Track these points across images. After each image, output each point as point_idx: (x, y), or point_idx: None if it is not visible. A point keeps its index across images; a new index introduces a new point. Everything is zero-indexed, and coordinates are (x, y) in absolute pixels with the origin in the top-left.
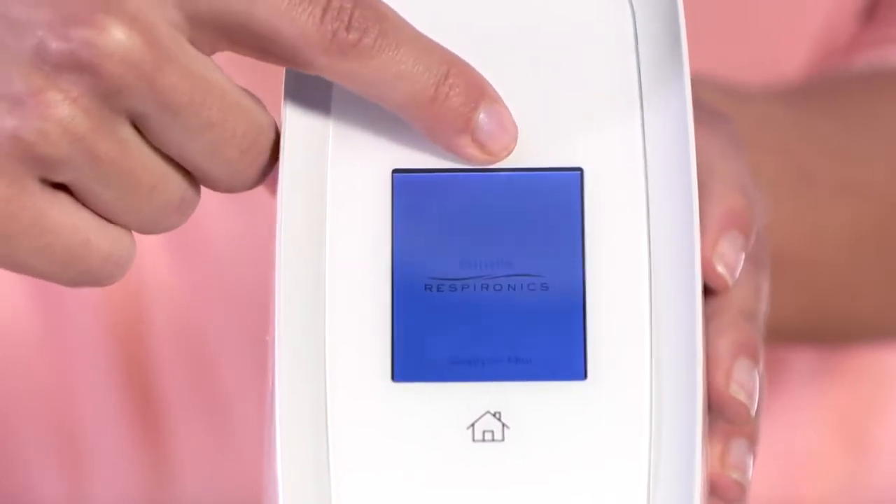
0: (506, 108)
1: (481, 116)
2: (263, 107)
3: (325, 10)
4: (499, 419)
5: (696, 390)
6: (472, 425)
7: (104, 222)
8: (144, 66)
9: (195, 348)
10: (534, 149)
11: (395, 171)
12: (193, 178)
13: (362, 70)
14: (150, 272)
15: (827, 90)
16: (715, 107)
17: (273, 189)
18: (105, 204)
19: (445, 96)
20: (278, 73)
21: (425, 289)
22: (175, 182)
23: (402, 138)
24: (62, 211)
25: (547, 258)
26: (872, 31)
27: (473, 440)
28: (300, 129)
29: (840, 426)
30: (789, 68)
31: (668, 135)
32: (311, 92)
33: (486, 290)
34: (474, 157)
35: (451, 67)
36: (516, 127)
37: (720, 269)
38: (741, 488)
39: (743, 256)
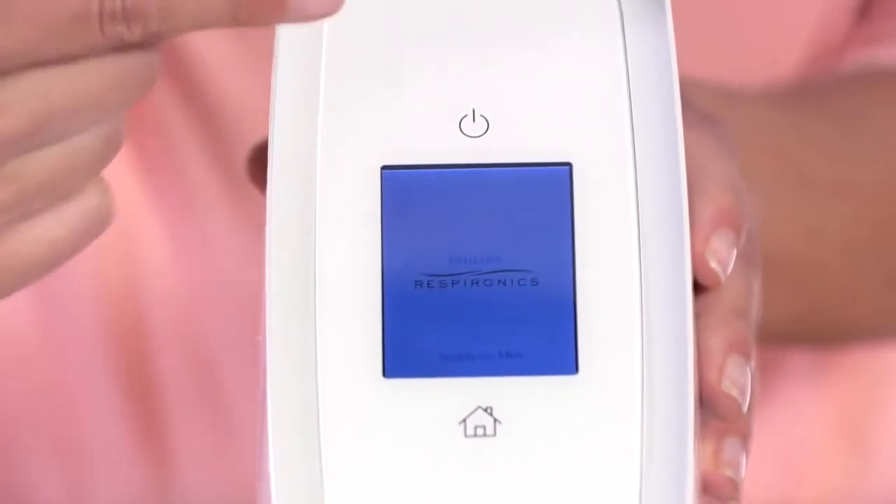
0: None
1: (293, 4)
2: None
3: (100, 19)
4: (490, 414)
5: (687, 383)
6: (464, 420)
7: (56, 212)
8: None
9: (195, 348)
10: (523, 144)
11: (384, 167)
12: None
13: (152, 35)
14: (150, 272)
15: (821, 91)
16: (708, 110)
17: (264, 187)
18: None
19: (249, 15)
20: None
21: (415, 285)
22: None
23: (390, 135)
24: (10, 243)
25: (537, 253)
26: (865, 29)
27: (465, 435)
28: (289, 125)
29: (838, 425)
30: (784, 67)
31: (657, 129)
32: (301, 88)
33: (477, 285)
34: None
35: None
36: None
37: (713, 264)
38: (734, 486)
39: (735, 253)
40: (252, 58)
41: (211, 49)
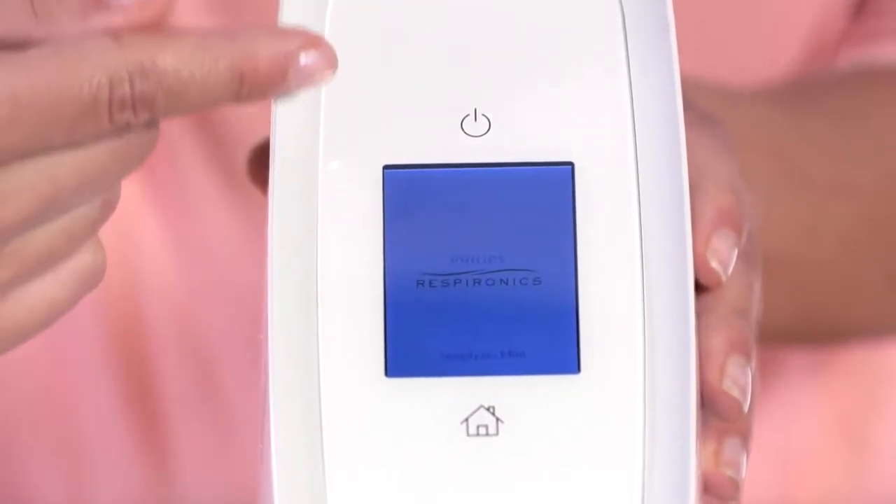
0: (305, 41)
1: (292, 78)
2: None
3: (109, 110)
4: (493, 413)
5: (689, 383)
6: (467, 420)
7: (52, 275)
8: None
9: (195, 348)
10: (524, 144)
11: (386, 167)
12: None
13: (168, 114)
14: (150, 272)
15: (819, 90)
16: (708, 110)
17: (265, 187)
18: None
19: (252, 90)
20: None
21: (417, 284)
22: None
23: (392, 134)
24: (7, 306)
25: (539, 253)
26: (862, 27)
27: (468, 434)
28: (290, 125)
29: (837, 424)
30: (781, 65)
31: (659, 128)
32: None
33: (479, 284)
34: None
35: (241, 65)
36: (319, 46)
37: (714, 264)
38: (735, 485)
39: (735, 253)
40: None
41: None
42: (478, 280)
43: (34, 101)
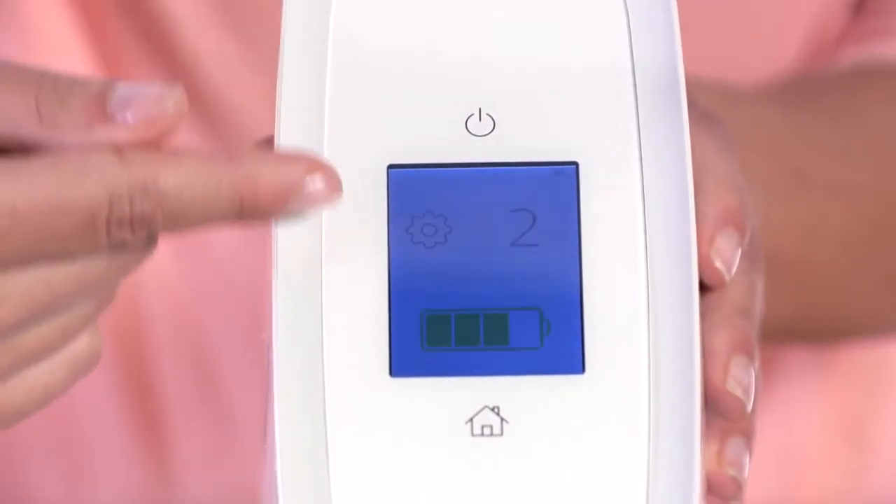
0: (308, 166)
1: (295, 205)
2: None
3: (107, 227)
4: (497, 413)
5: (693, 383)
6: (471, 420)
7: (48, 362)
8: None
9: (195, 348)
10: (529, 143)
11: (391, 166)
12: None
13: (166, 233)
14: (150, 272)
15: (819, 89)
16: (709, 109)
17: None
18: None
19: (253, 213)
20: (271, 60)
21: (422, 284)
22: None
23: (397, 133)
24: (3, 391)
25: (543, 252)
26: (861, 25)
27: (472, 435)
28: (295, 125)
29: (838, 422)
30: (780, 64)
31: (663, 128)
32: (306, 87)
33: (483, 285)
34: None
35: (243, 191)
36: (334, 174)
37: (717, 264)
38: (738, 485)
39: (739, 252)
40: (252, 56)
41: (211, 48)
42: (482, 280)
43: (33, 214)
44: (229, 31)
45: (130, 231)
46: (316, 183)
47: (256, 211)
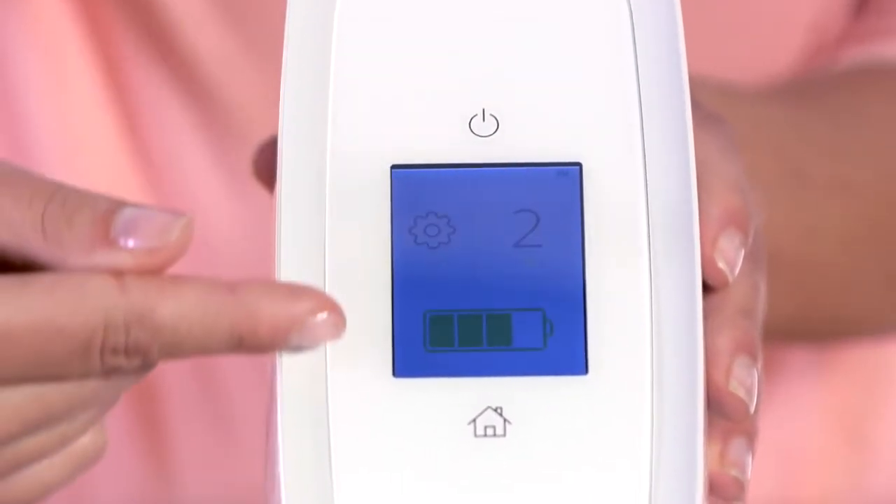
0: (314, 303)
1: (295, 339)
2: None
3: (101, 355)
4: (500, 414)
5: (696, 384)
6: (474, 420)
7: (46, 462)
8: None
9: None
10: (533, 144)
11: (394, 166)
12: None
13: (162, 360)
14: None
15: (819, 88)
16: (711, 109)
17: (271, 186)
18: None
19: (251, 345)
20: (272, 58)
21: (425, 284)
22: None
23: (400, 134)
24: (5, 488)
25: (546, 253)
26: (862, 25)
27: (475, 435)
28: (298, 125)
29: (838, 422)
30: (781, 63)
31: (667, 129)
32: (309, 88)
33: (487, 285)
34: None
35: (242, 325)
36: (331, 308)
37: (721, 265)
38: (740, 486)
39: (742, 253)
40: (253, 55)
41: (212, 47)
42: (485, 281)
43: (26, 336)
44: (230, 29)
45: (125, 358)
46: (319, 320)
47: (255, 345)
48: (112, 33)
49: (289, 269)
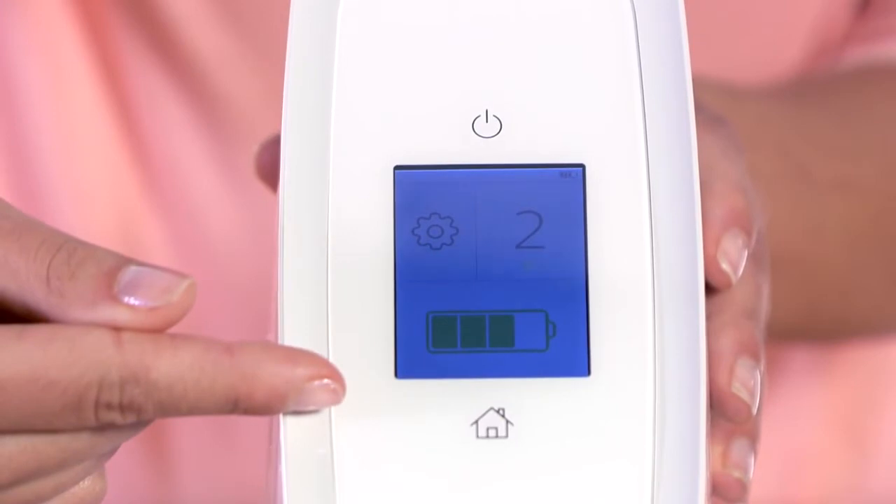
0: (313, 367)
1: (292, 403)
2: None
3: (95, 411)
4: (503, 416)
5: (699, 386)
6: (476, 422)
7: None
8: None
9: None
10: (536, 145)
11: (397, 167)
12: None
13: (159, 417)
14: None
15: (822, 87)
16: (714, 110)
17: (274, 186)
18: None
19: (248, 407)
20: (272, 59)
21: (428, 285)
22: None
23: (403, 135)
24: None
25: (549, 254)
26: (865, 24)
27: (477, 437)
28: (301, 125)
29: (839, 422)
30: (784, 63)
31: (670, 131)
32: (313, 87)
33: (489, 286)
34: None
35: (239, 387)
36: (330, 372)
37: (724, 266)
38: (743, 487)
39: (746, 254)
40: (253, 55)
41: (211, 47)
42: (488, 282)
43: (20, 388)
44: (230, 28)
45: (119, 415)
46: (318, 386)
47: (252, 408)
48: (111, 33)
49: (291, 269)
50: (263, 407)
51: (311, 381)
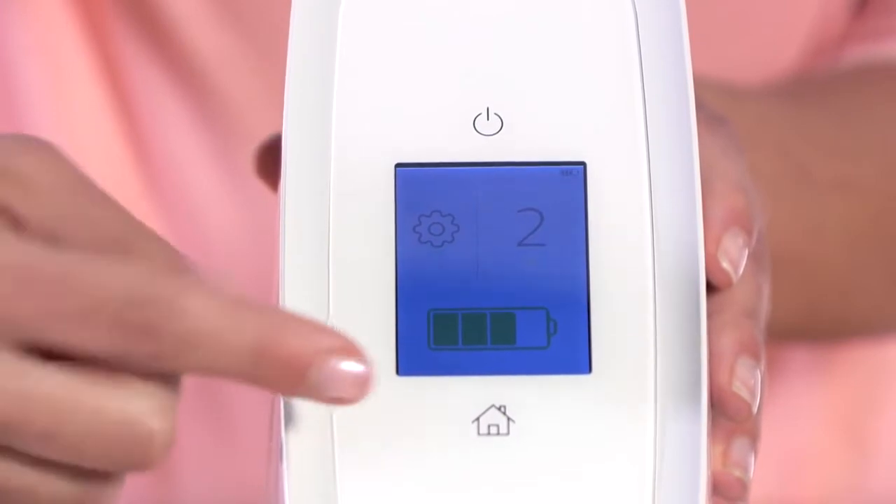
0: (342, 346)
1: (314, 377)
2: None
3: (112, 326)
4: (504, 413)
5: (700, 384)
6: (477, 419)
7: None
8: None
9: None
10: (537, 143)
11: (398, 165)
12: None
13: (170, 365)
14: None
15: (822, 87)
16: (715, 109)
17: (274, 184)
18: None
19: (267, 371)
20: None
21: (429, 283)
22: (51, 485)
23: (405, 133)
24: None
25: (550, 252)
26: (864, 24)
27: (478, 434)
28: (302, 124)
29: (839, 422)
30: (783, 62)
31: (671, 129)
32: (314, 86)
33: (490, 284)
34: (326, 403)
35: (266, 340)
36: (362, 359)
37: (725, 265)
38: (743, 486)
39: (746, 253)
40: (253, 55)
41: (212, 46)
42: (489, 279)
43: (47, 284)
44: (230, 28)
45: (134, 340)
46: (344, 367)
47: (271, 369)
48: (112, 33)
49: (292, 267)
50: (285, 368)
51: (339, 356)
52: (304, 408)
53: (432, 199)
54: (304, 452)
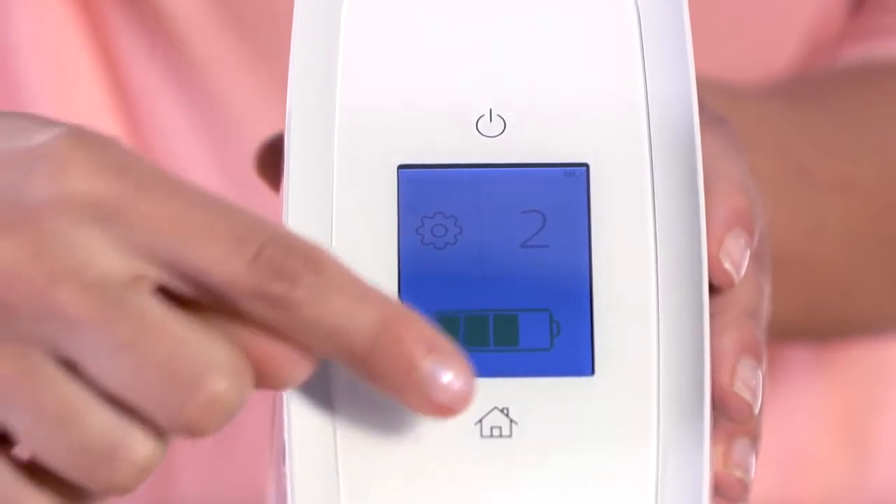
0: (457, 356)
1: (427, 369)
2: (225, 349)
3: (254, 258)
4: (507, 415)
5: (703, 385)
6: (480, 421)
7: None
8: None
9: None
10: (540, 144)
11: (401, 166)
12: (132, 423)
13: (293, 320)
14: None
15: (821, 86)
16: (715, 109)
17: (275, 185)
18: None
19: (384, 352)
20: (273, 58)
21: (432, 285)
22: (98, 419)
23: (407, 134)
24: None
25: (553, 254)
26: (860, 23)
27: (481, 436)
28: (305, 124)
29: (838, 422)
30: (780, 62)
31: (674, 130)
32: (316, 87)
33: (493, 286)
34: (424, 411)
35: (391, 320)
36: (470, 375)
37: (727, 265)
38: (744, 486)
39: (748, 254)
40: (254, 55)
41: (212, 46)
42: (492, 281)
43: (196, 215)
44: (230, 29)
45: (270, 279)
46: (447, 378)
47: (389, 349)
48: (113, 32)
49: None
50: (397, 357)
51: (446, 371)
52: (308, 410)
53: (435, 201)
54: (308, 454)
